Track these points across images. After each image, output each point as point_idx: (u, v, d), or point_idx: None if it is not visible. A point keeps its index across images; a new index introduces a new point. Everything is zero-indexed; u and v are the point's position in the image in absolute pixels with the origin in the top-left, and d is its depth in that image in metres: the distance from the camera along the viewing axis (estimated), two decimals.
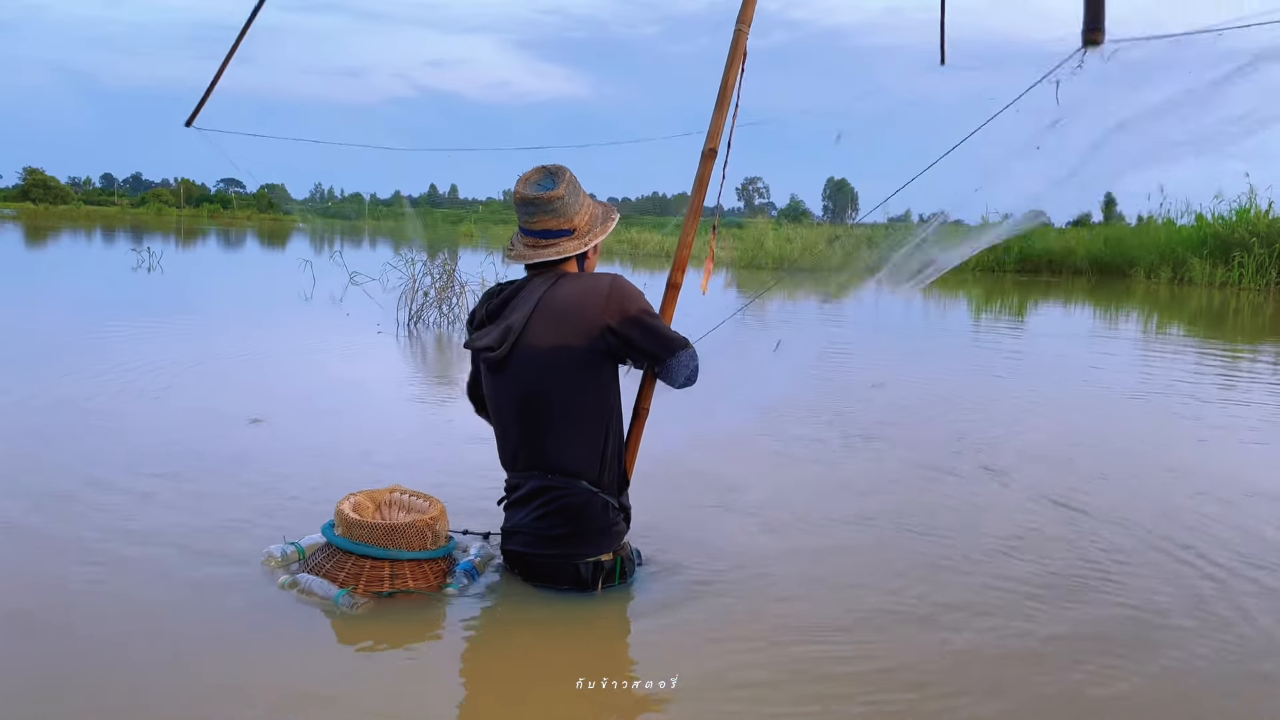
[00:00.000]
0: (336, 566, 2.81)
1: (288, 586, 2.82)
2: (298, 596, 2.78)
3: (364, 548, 2.79)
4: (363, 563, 2.80)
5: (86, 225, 40.01)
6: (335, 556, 2.83)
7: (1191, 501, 4.13)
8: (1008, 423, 5.80)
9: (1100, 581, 3.21)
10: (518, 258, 2.93)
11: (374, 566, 2.80)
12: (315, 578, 2.79)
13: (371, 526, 2.81)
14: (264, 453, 4.43)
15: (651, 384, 3.07)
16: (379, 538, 2.80)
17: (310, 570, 2.85)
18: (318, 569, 2.83)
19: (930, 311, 13.42)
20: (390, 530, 2.82)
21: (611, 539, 2.92)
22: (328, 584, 2.76)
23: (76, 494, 3.69)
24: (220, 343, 8.08)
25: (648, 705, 2.36)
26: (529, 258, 2.91)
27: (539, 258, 2.89)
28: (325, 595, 2.74)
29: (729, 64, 3.14)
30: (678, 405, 3.11)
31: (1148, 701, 2.43)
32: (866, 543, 3.56)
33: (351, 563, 2.80)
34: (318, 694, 2.32)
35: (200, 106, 3.51)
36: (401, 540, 2.82)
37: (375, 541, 2.80)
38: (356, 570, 2.79)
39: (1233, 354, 9.48)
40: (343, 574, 2.78)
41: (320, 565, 2.84)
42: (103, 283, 14.76)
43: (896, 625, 2.81)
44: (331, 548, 2.86)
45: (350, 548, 2.80)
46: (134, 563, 3.06)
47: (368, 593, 2.76)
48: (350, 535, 2.82)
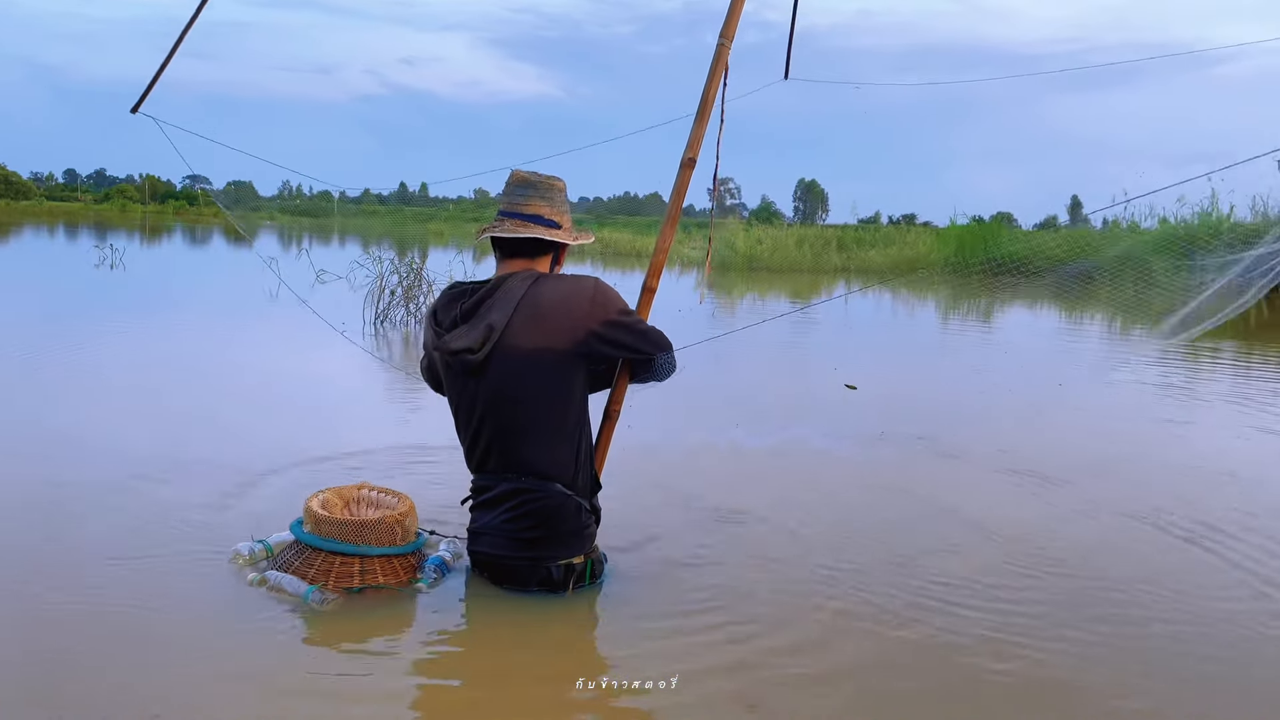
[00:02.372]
0: (306, 563, 2.80)
1: (257, 584, 2.81)
2: (267, 594, 2.77)
3: (333, 544, 2.79)
4: (332, 559, 2.79)
5: (49, 221, 39.32)
6: (305, 553, 2.82)
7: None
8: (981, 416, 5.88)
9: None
10: (502, 233, 2.85)
11: (343, 563, 2.79)
12: (285, 575, 2.78)
13: (340, 523, 2.80)
14: (229, 451, 4.38)
15: (623, 386, 3.07)
16: (348, 534, 2.80)
17: (279, 568, 2.84)
18: (287, 566, 2.82)
19: (899, 311, 13.54)
20: (359, 526, 2.81)
21: (583, 541, 2.91)
22: (297, 581, 2.75)
23: (36, 497, 3.65)
24: (183, 341, 8.00)
25: (620, 699, 2.37)
26: (515, 232, 2.83)
27: (526, 233, 2.83)
28: (295, 592, 2.73)
29: (710, 77, 3.16)
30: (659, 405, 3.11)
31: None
32: (854, 543, 3.54)
33: (321, 559, 2.79)
34: (290, 689, 2.31)
35: (148, 90, 3.40)
36: (371, 536, 2.82)
37: (344, 538, 2.79)
38: (326, 567, 2.78)
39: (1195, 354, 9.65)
40: (312, 570, 2.77)
41: (290, 562, 2.83)
42: (66, 281, 14.53)
43: (888, 623, 2.82)
44: (300, 545, 2.85)
45: (319, 544, 2.79)
46: (100, 564, 3.02)
47: (337, 589, 2.76)
48: (319, 532, 2.81)
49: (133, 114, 3.44)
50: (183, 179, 60.31)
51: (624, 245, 27.04)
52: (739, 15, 3.19)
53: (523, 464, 2.82)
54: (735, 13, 3.19)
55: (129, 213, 53.95)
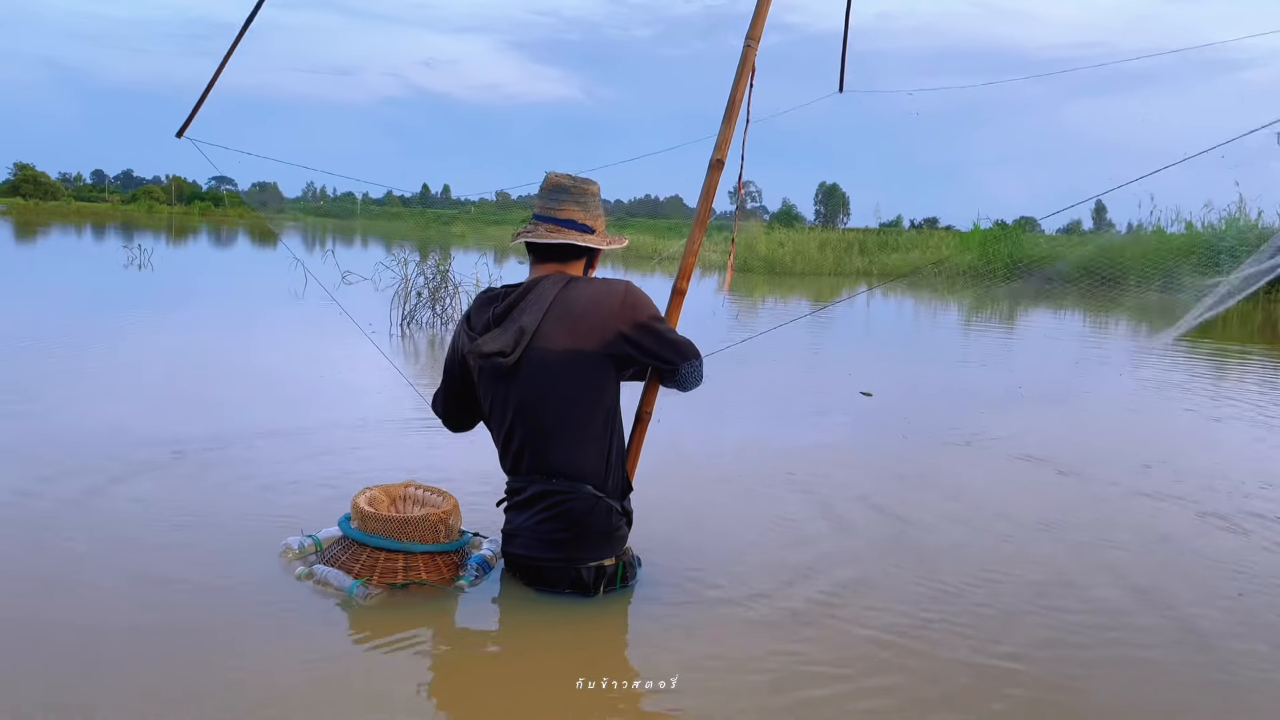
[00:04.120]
0: (352, 558, 2.86)
1: (304, 578, 2.88)
2: (314, 587, 2.84)
3: (378, 540, 2.85)
4: (377, 554, 2.85)
5: (77, 221, 39.84)
6: (351, 549, 2.89)
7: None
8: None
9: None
10: (535, 238, 2.88)
11: (388, 558, 2.85)
12: (331, 569, 2.85)
13: (386, 519, 2.87)
14: (275, 448, 4.48)
15: (654, 389, 3.09)
16: (393, 530, 2.86)
17: (326, 562, 2.90)
18: (333, 561, 2.89)
19: (921, 315, 13.51)
20: (404, 523, 2.87)
21: (614, 543, 2.91)
22: (343, 575, 2.82)
23: (89, 491, 3.73)
24: (212, 340, 8.11)
25: (648, 703, 2.38)
26: (549, 238, 2.87)
27: (559, 239, 2.87)
28: (340, 586, 2.80)
29: (737, 78, 3.17)
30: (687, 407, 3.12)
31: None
32: (878, 550, 3.53)
33: (366, 554, 2.85)
34: (329, 679, 2.38)
35: (192, 116, 3.43)
36: (415, 533, 2.88)
37: (389, 534, 2.86)
38: (371, 562, 2.84)
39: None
40: (358, 566, 2.84)
41: (336, 557, 2.90)
42: (96, 279, 14.73)
43: (907, 634, 2.81)
44: (347, 540, 2.92)
45: (365, 540, 2.86)
46: (153, 557, 3.11)
47: (381, 584, 2.82)
48: (365, 528, 2.88)
49: (178, 139, 3.46)
50: (208, 180, 60.83)
51: (645, 248, 27.08)
52: (765, 17, 3.20)
53: (553, 466, 2.83)
54: (761, 15, 3.19)
55: (156, 213, 54.58)
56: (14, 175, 69.47)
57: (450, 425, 3.17)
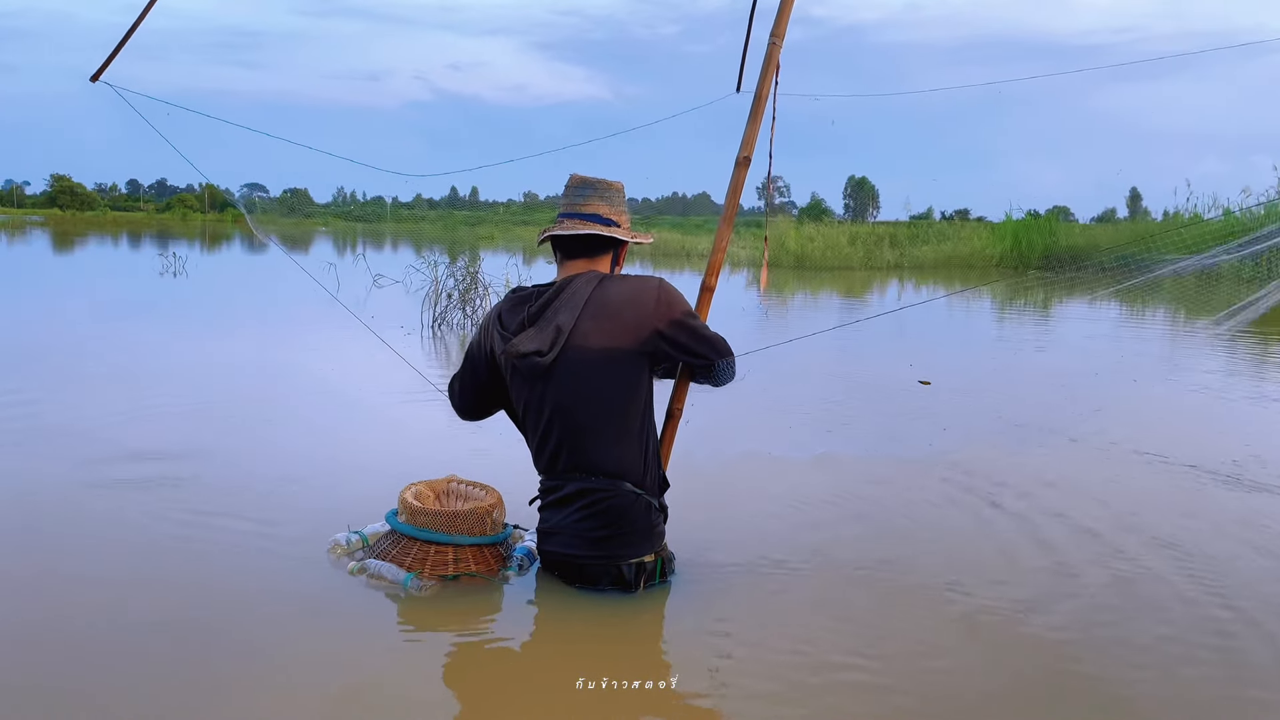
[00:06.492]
0: (403, 552, 2.92)
1: (356, 572, 2.94)
2: (367, 582, 2.90)
3: (428, 534, 2.91)
4: (427, 548, 2.91)
5: (113, 231, 40.50)
6: (400, 542, 2.95)
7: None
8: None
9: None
10: (560, 231, 2.89)
11: (438, 551, 2.91)
12: (383, 563, 2.91)
13: (434, 513, 2.92)
14: (312, 447, 4.55)
15: (685, 386, 3.12)
16: (442, 524, 2.91)
17: (377, 556, 2.96)
18: (384, 555, 2.95)
19: (955, 308, 13.40)
20: (452, 517, 2.93)
21: (654, 540, 2.93)
22: (396, 568, 2.88)
23: (150, 489, 3.84)
24: (248, 345, 8.23)
25: (692, 701, 2.38)
26: (574, 229, 2.88)
27: (584, 229, 2.87)
28: (394, 579, 2.85)
29: (762, 76, 3.20)
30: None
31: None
32: (960, 558, 3.40)
33: (417, 548, 2.91)
34: (381, 670, 2.44)
35: (109, 61, 3.30)
36: (463, 526, 2.93)
37: (438, 528, 2.91)
38: (422, 555, 2.90)
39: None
40: (409, 559, 2.90)
41: (386, 551, 2.96)
42: (134, 289, 14.97)
43: (927, 643, 2.71)
44: (397, 534, 2.98)
45: (415, 534, 2.91)
46: (207, 555, 3.18)
47: (433, 576, 2.87)
48: (415, 522, 2.93)
49: (92, 83, 3.36)
50: (240, 189, 61.40)
51: (674, 245, 27.12)
52: (789, 13, 3.21)
53: (592, 464, 2.84)
54: (785, 11, 3.21)
55: (189, 221, 55.34)
56: (51, 187, 70.85)
57: (464, 415, 3.18)
